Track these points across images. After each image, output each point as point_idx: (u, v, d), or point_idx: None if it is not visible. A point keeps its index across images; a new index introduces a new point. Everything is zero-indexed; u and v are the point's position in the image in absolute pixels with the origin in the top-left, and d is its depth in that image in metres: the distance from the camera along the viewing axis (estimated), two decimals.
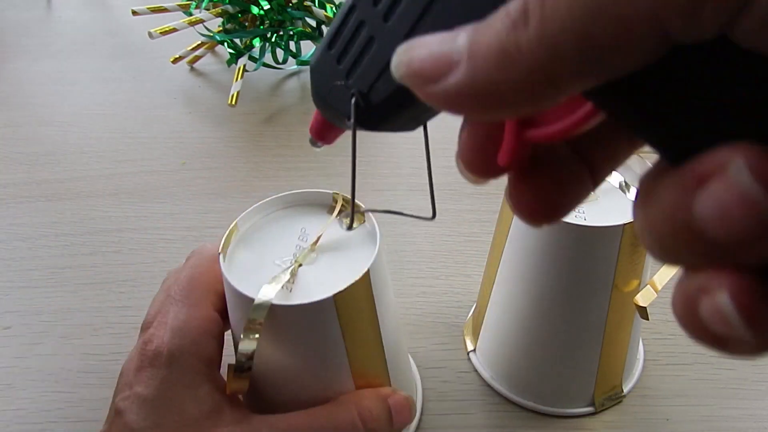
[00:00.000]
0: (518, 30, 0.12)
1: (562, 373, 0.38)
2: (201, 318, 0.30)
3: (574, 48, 0.11)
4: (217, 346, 0.31)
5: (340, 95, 0.19)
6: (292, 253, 0.30)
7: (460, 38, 0.13)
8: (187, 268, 0.32)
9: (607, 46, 0.11)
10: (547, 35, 0.11)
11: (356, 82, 0.19)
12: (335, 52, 0.19)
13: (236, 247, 0.31)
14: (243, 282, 0.28)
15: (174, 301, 0.31)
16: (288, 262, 0.30)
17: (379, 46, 0.18)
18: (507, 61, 0.12)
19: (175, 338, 0.29)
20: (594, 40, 0.11)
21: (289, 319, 0.28)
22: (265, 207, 0.33)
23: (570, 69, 0.12)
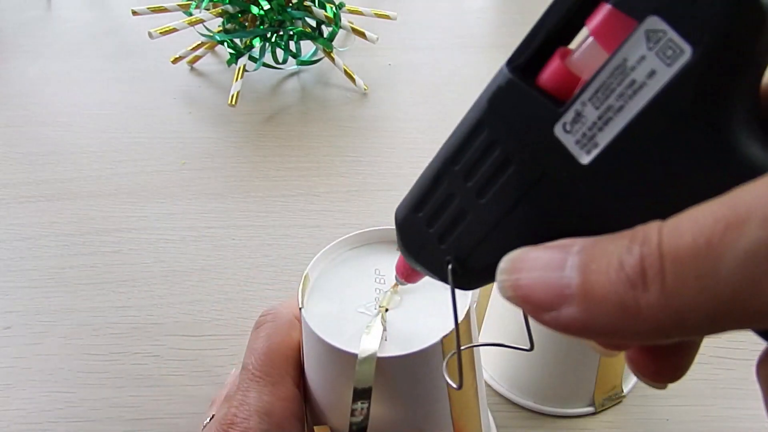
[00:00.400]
0: (637, 290, 0.12)
1: (562, 373, 0.38)
2: (285, 399, 0.29)
3: (699, 321, 0.12)
4: (300, 428, 0.30)
5: (433, 257, 0.20)
6: (373, 297, 0.28)
7: (569, 267, 0.14)
8: (262, 337, 0.31)
9: (735, 326, 0.12)
10: (672, 307, 0.12)
11: (451, 248, 0.19)
12: (424, 216, 0.20)
13: (312, 299, 0.29)
14: (334, 337, 0.26)
15: (255, 378, 0.29)
16: (372, 308, 0.28)
17: (474, 219, 0.18)
18: (626, 316, 0.12)
19: (263, 423, 0.28)
20: (721, 320, 0.12)
21: (395, 370, 0.26)
22: (333, 251, 0.30)
23: (690, 332, 0.12)
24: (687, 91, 0.13)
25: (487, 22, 0.94)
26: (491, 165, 0.17)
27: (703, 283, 0.11)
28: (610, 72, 0.14)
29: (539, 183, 0.16)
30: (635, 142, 0.14)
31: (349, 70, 0.73)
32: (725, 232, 0.11)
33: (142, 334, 0.45)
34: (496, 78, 0.17)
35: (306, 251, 0.51)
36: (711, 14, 0.13)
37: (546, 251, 0.15)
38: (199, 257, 0.51)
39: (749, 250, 0.11)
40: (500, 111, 0.17)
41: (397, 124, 0.68)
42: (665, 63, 0.13)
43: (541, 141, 0.16)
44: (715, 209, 0.12)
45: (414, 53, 0.82)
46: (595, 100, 0.15)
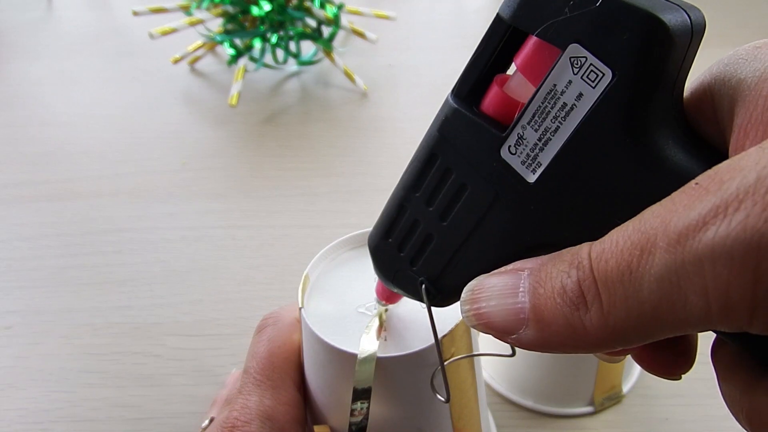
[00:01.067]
0: (580, 311, 0.14)
1: (561, 373, 0.38)
2: (286, 403, 0.29)
3: (635, 334, 0.13)
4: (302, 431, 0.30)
5: (407, 279, 0.21)
6: (372, 297, 0.28)
7: (522, 293, 0.15)
8: (264, 341, 0.31)
9: (665, 333, 0.13)
10: (611, 324, 0.13)
11: (422, 270, 0.20)
12: (393, 242, 0.21)
13: (312, 299, 0.29)
14: (334, 337, 0.26)
15: (257, 383, 0.29)
16: (372, 308, 0.28)
17: (440, 241, 0.19)
18: (575, 335, 0.14)
19: (264, 428, 0.28)
20: (653, 331, 0.13)
21: (395, 370, 0.26)
22: (333, 251, 0.31)
23: (632, 342, 0.14)
24: (613, 108, 0.15)
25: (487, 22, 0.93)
26: (449, 190, 0.18)
27: (630, 304, 0.13)
28: (543, 96, 0.16)
29: (495, 203, 0.17)
30: (573, 158, 0.16)
31: (349, 71, 0.73)
32: (640, 257, 0.13)
33: (142, 334, 0.45)
34: (442, 108, 0.18)
35: (306, 251, 0.51)
36: (625, 40, 0.14)
37: (501, 278, 0.16)
38: (199, 257, 0.51)
39: (660, 274, 0.12)
40: (450, 139, 0.18)
41: (397, 124, 0.68)
42: (590, 85, 0.15)
43: (491, 164, 0.17)
44: (630, 234, 0.13)
45: (414, 53, 0.82)
46: (534, 123, 0.16)
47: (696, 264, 0.12)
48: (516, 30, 0.16)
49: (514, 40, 0.17)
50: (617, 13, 0.14)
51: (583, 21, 0.15)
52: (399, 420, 0.28)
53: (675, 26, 0.14)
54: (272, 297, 0.48)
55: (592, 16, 0.14)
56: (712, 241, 0.12)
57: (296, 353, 0.30)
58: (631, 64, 0.14)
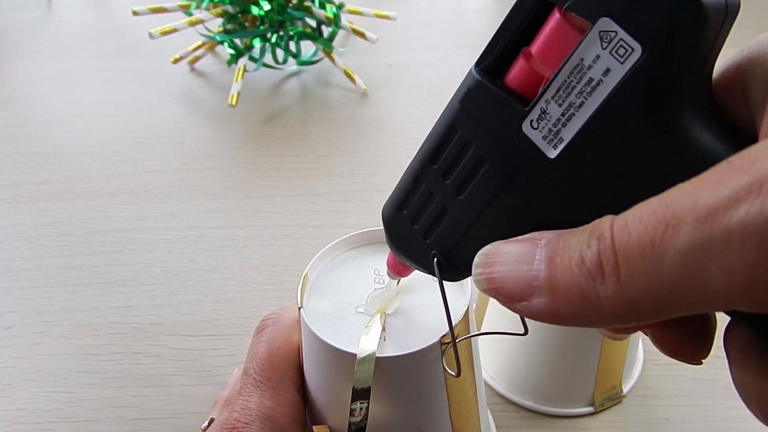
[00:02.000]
0: (597, 282, 0.14)
1: (562, 373, 0.38)
2: (287, 404, 0.29)
3: (651, 310, 0.13)
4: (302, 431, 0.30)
5: (419, 252, 0.21)
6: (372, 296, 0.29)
7: (537, 260, 0.15)
8: (263, 342, 0.31)
9: (683, 311, 0.13)
10: (626, 297, 0.13)
11: (435, 243, 0.20)
12: (408, 214, 0.21)
13: (311, 299, 0.29)
14: (333, 337, 0.26)
15: (256, 383, 0.29)
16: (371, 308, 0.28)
17: (455, 215, 0.19)
18: (588, 306, 0.14)
19: (264, 429, 0.28)
20: (670, 308, 0.13)
21: (394, 370, 0.26)
22: (332, 251, 0.31)
23: (645, 318, 0.14)
24: (640, 86, 0.14)
25: (487, 22, 0.94)
26: (467, 163, 0.18)
27: (649, 278, 0.13)
28: (570, 71, 0.15)
29: (512, 178, 0.17)
30: (597, 135, 0.15)
31: (349, 70, 0.73)
32: (665, 232, 0.13)
33: (142, 334, 0.45)
34: (465, 80, 0.18)
35: (306, 251, 0.51)
36: (657, 15, 0.14)
37: (516, 245, 0.16)
38: (199, 257, 0.51)
39: (684, 249, 0.12)
40: (471, 112, 0.17)
41: (397, 124, 0.68)
42: (619, 61, 0.14)
43: (511, 138, 0.17)
44: (655, 208, 0.13)
45: (414, 53, 0.82)
46: (558, 98, 0.16)
47: (724, 240, 0.12)
48: (546, 2, 0.16)
49: (542, 12, 0.16)
50: None
51: None
52: (398, 420, 0.28)
53: (709, 4, 0.14)
54: (272, 297, 0.48)
55: None
56: (744, 219, 0.11)
57: (296, 354, 0.30)
58: (661, 40, 0.14)
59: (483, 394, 0.34)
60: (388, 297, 0.28)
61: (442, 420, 0.29)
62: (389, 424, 0.28)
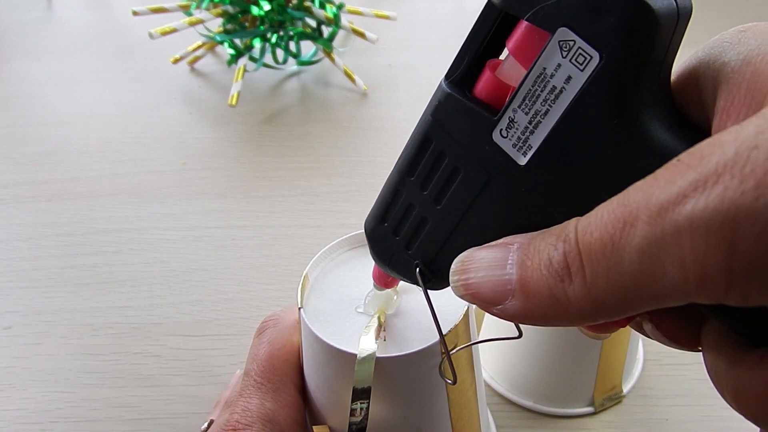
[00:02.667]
0: (564, 282, 0.14)
1: (562, 373, 0.38)
2: (287, 405, 0.29)
3: (617, 305, 0.14)
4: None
5: (402, 262, 0.21)
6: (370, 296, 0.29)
7: (510, 265, 0.16)
8: (264, 343, 0.31)
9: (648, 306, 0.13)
10: (593, 295, 0.14)
11: (417, 253, 0.21)
12: (389, 226, 0.21)
13: (311, 299, 0.29)
14: (333, 337, 0.26)
15: (257, 385, 0.29)
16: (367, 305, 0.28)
17: (435, 224, 0.20)
18: (558, 306, 0.15)
19: (265, 430, 0.28)
20: (634, 303, 0.13)
21: (394, 370, 0.26)
22: (332, 251, 0.31)
23: (613, 315, 0.14)
24: (600, 91, 0.15)
25: None
26: (442, 174, 0.19)
27: (612, 275, 0.13)
28: (533, 80, 0.16)
29: (487, 186, 0.18)
30: (563, 140, 0.16)
31: (349, 71, 0.73)
32: (623, 229, 0.13)
33: (142, 334, 0.45)
34: (436, 93, 0.18)
35: (306, 251, 0.51)
36: (612, 23, 0.14)
37: (490, 251, 0.17)
38: (199, 257, 0.51)
39: (640, 245, 0.13)
40: (443, 123, 0.18)
41: (397, 124, 0.68)
42: (579, 68, 0.15)
43: (483, 147, 0.17)
44: (615, 208, 0.14)
45: (414, 53, 0.82)
46: (524, 107, 0.16)
47: (675, 236, 0.12)
48: (507, 15, 0.16)
49: (505, 24, 0.17)
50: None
51: (572, 5, 0.15)
52: (398, 420, 0.28)
53: (661, 9, 0.14)
54: (272, 297, 0.48)
55: (580, 1, 0.15)
56: (690, 213, 0.12)
57: (297, 355, 0.30)
58: (617, 46, 0.15)
59: (483, 394, 0.34)
60: (388, 297, 0.28)
61: (442, 420, 0.29)
62: (389, 424, 0.28)
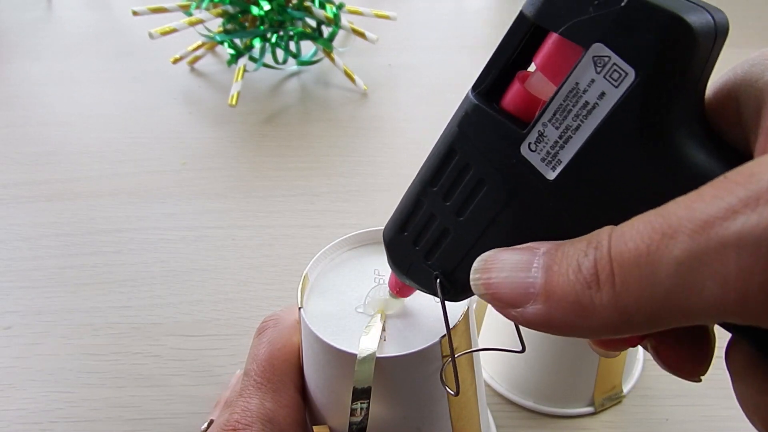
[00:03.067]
0: (592, 289, 0.14)
1: (561, 373, 0.38)
2: (287, 406, 0.29)
3: (644, 319, 0.13)
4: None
5: (421, 272, 0.21)
6: (371, 296, 0.29)
7: (534, 268, 0.15)
8: (264, 343, 0.31)
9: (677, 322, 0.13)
10: (621, 306, 0.13)
11: (437, 264, 0.21)
12: (409, 235, 0.21)
13: (311, 299, 0.29)
14: (333, 337, 0.26)
15: (257, 385, 0.29)
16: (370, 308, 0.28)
17: (456, 236, 0.20)
18: (582, 313, 0.14)
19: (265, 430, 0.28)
20: (663, 318, 0.13)
21: (394, 370, 0.26)
22: (332, 251, 0.31)
23: (639, 329, 0.14)
24: (635, 108, 0.15)
25: (487, 22, 0.94)
26: (467, 186, 0.18)
27: (644, 286, 0.13)
28: (565, 95, 0.16)
29: (512, 199, 0.17)
30: (594, 156, 0.16)
31: (349, 71, 0.73)
32: (661, 241, 0.13)
33: (142, 334, 0.45)
34: (463, 104, 0.18)
35: (306, 251, 0.51)
36: (648, 39, 0.14)
37: (515, 253, 0.16)
38: (199, 257, 0.51)
39: (680, 258, 0.12)
40: (469, 135, 0.18)
41: (397, 124, 0.68)
42: (613, 85, 0.15)
43: (510, 161, 0.17)
44: (652, 219, 0.13)
45: (414, 53, 0.82)
46: (555, 121, 0.16)
47: (720, 251, 0.12)
48: (538, 27, 0.16)
49: (536, 37, 0.17)
50: (641, 13, 0.14)
51: (607, 20, 0.15)
52: (398, 420, 0.28)
53: (699, 27, 0.14)
54: (272, 297, 0.48)
55: (617, 16, 0.14)
56: (740, 229, 0.12)
57: (296, 355, 0.30)
58: (654, 64, 0.14)
59: (483, 394, 0.34)
60: (388, 297, 0.28)
61: (442, 420, 0.29)
62: (389, 424, 0.28)
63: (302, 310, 0.27)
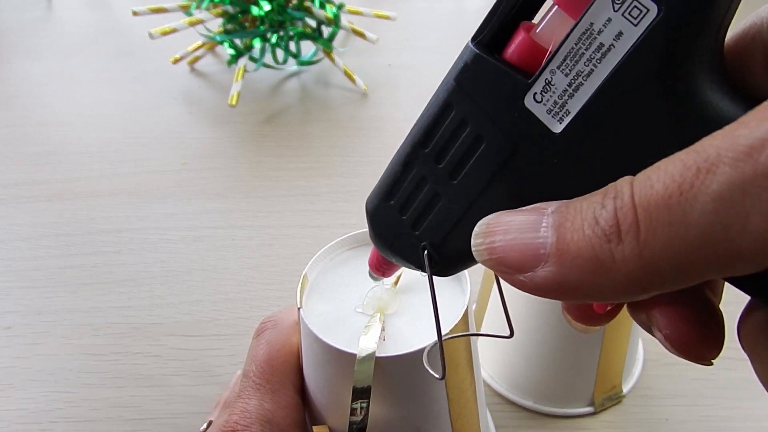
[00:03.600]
0: (612, 243, 0.12)
1: (562, 373, 0.38)
2: (286, 406, 0.29)
3: (672, 270, 0.12)
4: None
5: (407, 245, 0.19)
6: (370, 296, 0.29)
7: (544, 227, 0.14)
8: (263, 344, 0.31)
9: (709, 272, 0.12)
10: (646, 257, 0.12)
11: (425, 234, 0.19)
12: (396, 203, 0.19)
13: (311, 299, 0.29)
14: (333, 337, 0.26)
15: (256, 386, 0.29)
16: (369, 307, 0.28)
17: (448, 202, 0.18)
18: (601, 271, 0.12)
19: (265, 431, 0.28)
20: (694, 267, 0.12)
21: (394, 370, 0.26)
22: (332, 251, 0.30)
23: (666, 283, 0.12)
24: (655, 48, 0.14)
25: None
26: (462, 144, 0.17)
27: (675, 230, 0.11)
28: (578, 37, 0.14)
29: (512, 157, 0.16)
30: (607, 104, 0.14)
31: (349, 71, 0.73)
32: (696, 176, 0.11)
33: (142, 334, 0.45)
34: (461, 56, 0.17)
35: (306, 251, 0.51)
36: None
37: (520, 214, 0.15)
38: (199, 257, 0.51)
39: (719, 191, 0.11)
40: (468, 88, 0.16)
41: (397, 124, 0.68)
42: (632, 23, 0.14)
43: (512, 114, 0.16)
44: (683, 158, 0.12)
45: (414, 53, 0.82)
46: (565, 67, 0.15)
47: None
48: None
49: None
50: None
51: None
52: (397, 420, 0.28)
53: None
54: (272, 297, 0.48)
55: None
56: None
57: (295, 356, 0.30)
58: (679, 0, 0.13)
59: (482, 394, 0.34)
60: (387, 297, 0.28)
61: (441, 420, 0.29)
62: (389, 424, 0.28)
63: (301, 310, 0.27)
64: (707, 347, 0.16)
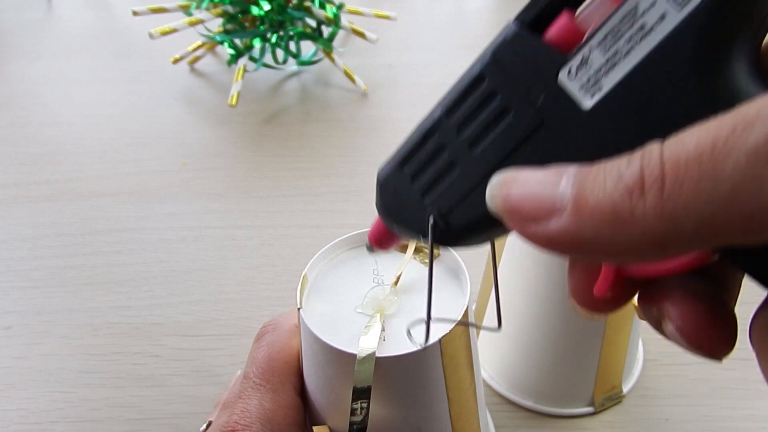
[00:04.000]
0: (633, 197, 0.12)
1: (561, 373, 0.38)
2: (286, 406, 0.29)
3: (695, 227, 0.11)
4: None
5: (412, 212, 0.19)
6: (370, 296, 0.29)
7: (563, 184, 0.13)
8: (263, 346, 0.31)
9: (732, 232, 0.11)
10: (668, 211, 0.11)
11: (434, 202, 0.19)
12: (409, 170, 0.19)
13: (311, 300, 0.29)
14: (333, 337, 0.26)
15: (255, 386, 0.29)
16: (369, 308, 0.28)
17: (463, 171, 0.18)
18: (618, 224, 0.12)
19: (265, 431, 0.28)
20: (718, 225, 0.11)
21: (394, 370, 0.26)
22: (331, 251, 0.30)
23: (686, 241, 0.12)
24: (695, 33, 0.14)
25: (487, 22, 0.94)
26: (488, 114, 0.17)
27: (703, 185, 0.11)
28: (621, 17, 0.15)
29: (536, 131, 0.16)
30: (639, 85, 0.15)
31: (349, 71, 0.73)
32: (732, 132, 0.11)
33: (142, 334, 0.45)
34: (501, 32, 0.17)
35: (306, 251, 0.51)
36: None
37: (540, 171, 0.14)
38: (199, 257, 0.51)
39: (755, 145, 0.10)
40: (504, 61, 0.17)
41: (397, 124, 0.68)
42: (677, 6, 0.14)
43: (544, 88, 0.16)
44: (719, 118, 0.11)
45: (414, 53, 0.82)
46: (604, 45, 0.15)
47: None
48: None
49: None
50: None
51: None
52: (398, 420, 0.28)
53: None
54: (272, 297, 0.48)
55: None
56: None
57: (295, 357, 0.30)
58: None
59: (482, 394, 0.34)
60: (387, 297, 0.28)
61: (441, 420, 0.29)
62: (389, 424, 0.28)
63: (301, 311, 0.27)
64: (719, 341, 0.16)
